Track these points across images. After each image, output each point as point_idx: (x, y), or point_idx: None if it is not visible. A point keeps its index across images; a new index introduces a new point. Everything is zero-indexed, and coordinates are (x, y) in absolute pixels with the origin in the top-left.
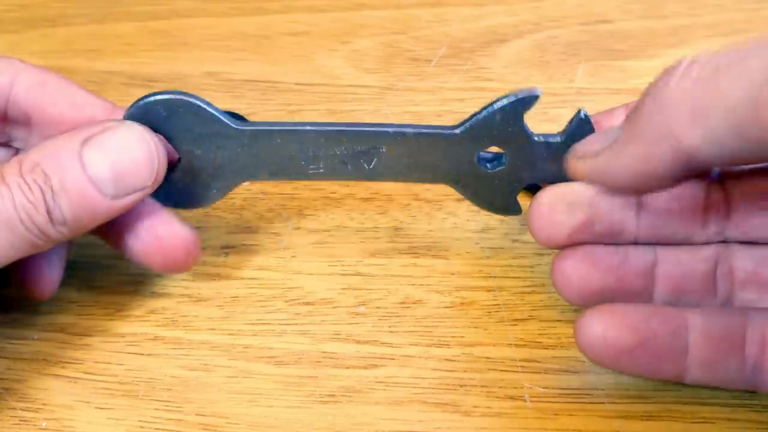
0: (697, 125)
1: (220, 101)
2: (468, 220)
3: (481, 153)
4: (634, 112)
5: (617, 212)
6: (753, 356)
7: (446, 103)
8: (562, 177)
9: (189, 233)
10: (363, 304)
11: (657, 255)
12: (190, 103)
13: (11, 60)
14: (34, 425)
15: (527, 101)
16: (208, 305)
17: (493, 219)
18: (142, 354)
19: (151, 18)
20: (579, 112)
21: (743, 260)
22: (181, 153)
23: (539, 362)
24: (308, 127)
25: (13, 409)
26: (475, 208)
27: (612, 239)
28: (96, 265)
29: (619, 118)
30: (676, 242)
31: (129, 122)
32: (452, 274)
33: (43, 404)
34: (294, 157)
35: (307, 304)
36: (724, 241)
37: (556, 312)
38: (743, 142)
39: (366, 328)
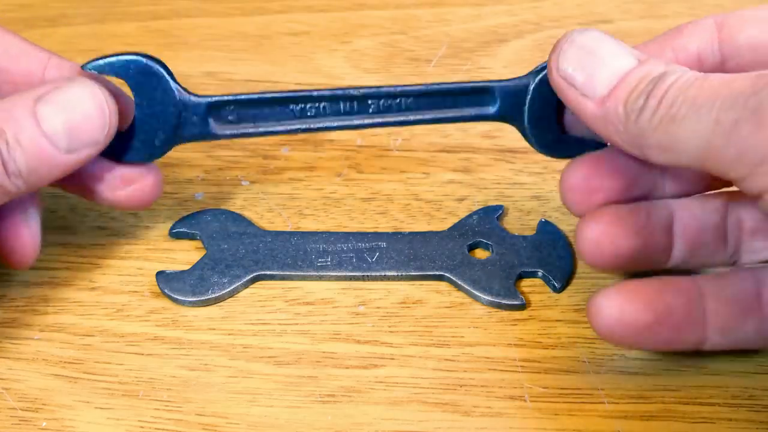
0: (662, 155)
1: None
2: None
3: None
4: (619, 104)
5: (649, 175)
6: None
7: None
8: (544, 263)
9: (152, 171)
10: (363, 304)
11: (673, 209)
12: (229, 211)
13: None
14: (34, 425)
15: (496, 209)
16: (208, 305)
17: None
18: (142, 354)
19: (151, 18)
20: (541, 220)
21: (752, 209)
22: (211, 246)
23: (539, 362)
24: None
25: (13, 409)
26: (474, 206)
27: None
28: (96, 266)
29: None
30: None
31: (81, 79)
32: None
33: (43, 404)
34: (306, 252)
35: (307, 304)
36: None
37: (556, 312)
38: (696, 168)
39: (366, 328)
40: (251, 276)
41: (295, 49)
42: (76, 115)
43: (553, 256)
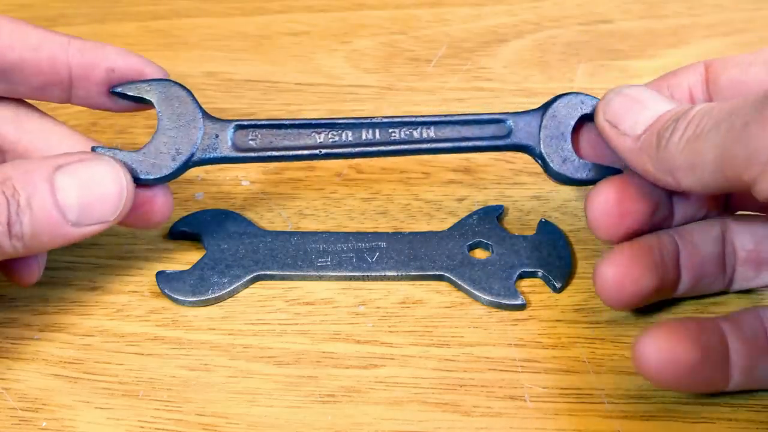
0: (689, 175)
1: (220, 101)
2: None
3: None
4: (653, 135)
5: (667, 200)
6: None
7: (446, 103)
8: (544, 263)
9: (164, 194)
10: (363, 304)
11: (677, 241)
12: (229, 211)
13: None
14: (34, 425)
15: (496, 209)
16: (208, 305)
17: None
18: (142, 354)
19: (151, 18)
20: (541, 220)
21: (743, 237)
22: (211, 246)
23: (539, 362)
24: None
25: (13, 409)
26: (474, 206)
27: (659, 226)
28: (96, 265)
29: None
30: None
31: (106, 157)
32: None
33: (43, 404)
34: (306, 252)
35: (307, 304)
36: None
37: (556, 312)
38: (721, 184)
39: (366, 328)
40: (251, 276)
41: (295, 49)
42: (94, 193)
43: (553, 256)
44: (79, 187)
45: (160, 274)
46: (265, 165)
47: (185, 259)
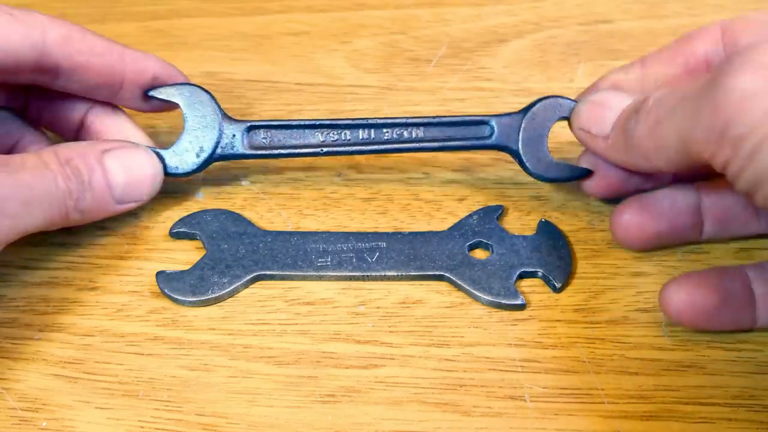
0: (660, 157)
1: (221, 101)
2: None
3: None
4: (619, 131)
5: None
6: None
7: (446, 103)
8: (544, 263)
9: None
10: (363, 304)
11: (700, 191)
12: (229, 211)
13: (34, 14)
14: (34, 425)
15: (496, 209)
16: (208, 305)
17: None
18: (142, 354)
19: (151, 18)
20: (541, 220)
21: None
22: (211, 246)
23: (539, 362)
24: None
25: (13, 409)
26: (474, 206)
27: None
28: (96, 266)
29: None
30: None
31: (142, 146)
32: None
33: (43, 404)
34: (306, 252)
35: (307, 304)
36: None
37: (556, 312)
38: (689, 163)
39: (366, 328)
40: (251, 276)
41: (295, 49)
42: (135, 175)
43: (553, 256)
44: (125, 169)
45: (160, 274)
46: (265, 165)
47: (185, 259)
